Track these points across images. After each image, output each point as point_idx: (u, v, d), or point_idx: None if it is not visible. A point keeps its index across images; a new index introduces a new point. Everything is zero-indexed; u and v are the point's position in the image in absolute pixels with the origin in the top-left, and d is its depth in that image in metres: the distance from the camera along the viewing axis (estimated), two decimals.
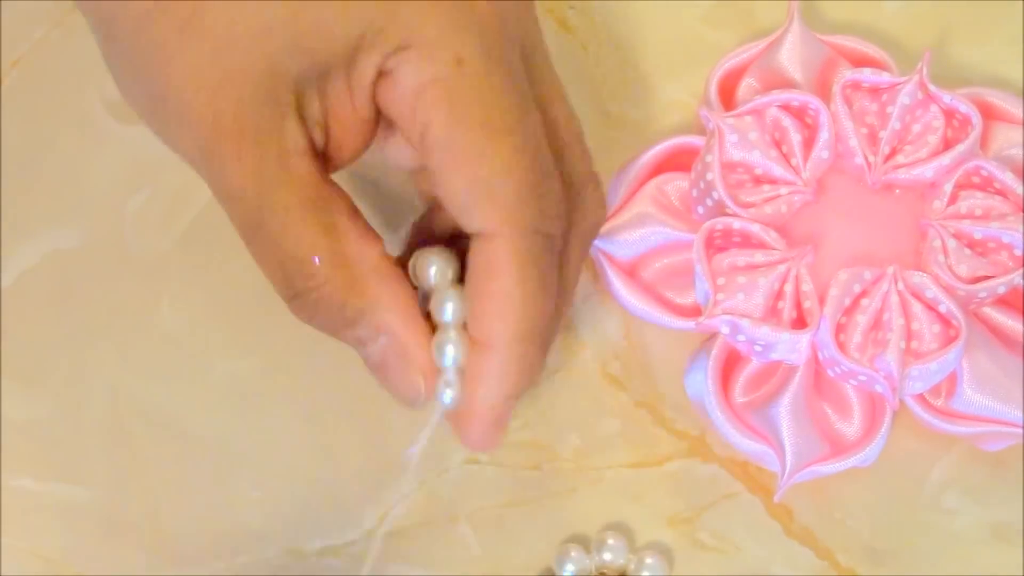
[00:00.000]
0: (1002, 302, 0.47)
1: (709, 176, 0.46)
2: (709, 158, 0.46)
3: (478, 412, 0.39)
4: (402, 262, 0.40)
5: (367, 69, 0.37)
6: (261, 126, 0.37)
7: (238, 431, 0.48)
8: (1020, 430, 0.46)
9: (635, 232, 0.48)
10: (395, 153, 0.42)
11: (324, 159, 0.39)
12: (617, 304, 0.48)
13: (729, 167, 0.47)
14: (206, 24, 0.37)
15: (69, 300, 0.49)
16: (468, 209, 0.37)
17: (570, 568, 0.46)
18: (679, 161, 0.48)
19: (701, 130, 0.48)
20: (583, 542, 0.47)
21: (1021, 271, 0.45)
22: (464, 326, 0.39)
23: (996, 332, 0.47)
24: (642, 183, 0.48)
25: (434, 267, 0.39)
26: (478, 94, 0.37)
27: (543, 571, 0.47)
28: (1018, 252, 0.46)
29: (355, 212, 0.39)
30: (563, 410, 0.48)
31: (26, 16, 0.51)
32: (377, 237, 0.39)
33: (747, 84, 0.49)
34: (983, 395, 0.46)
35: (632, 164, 0.49)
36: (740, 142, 0.46)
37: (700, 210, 0.47)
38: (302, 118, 0.38)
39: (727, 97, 0.49)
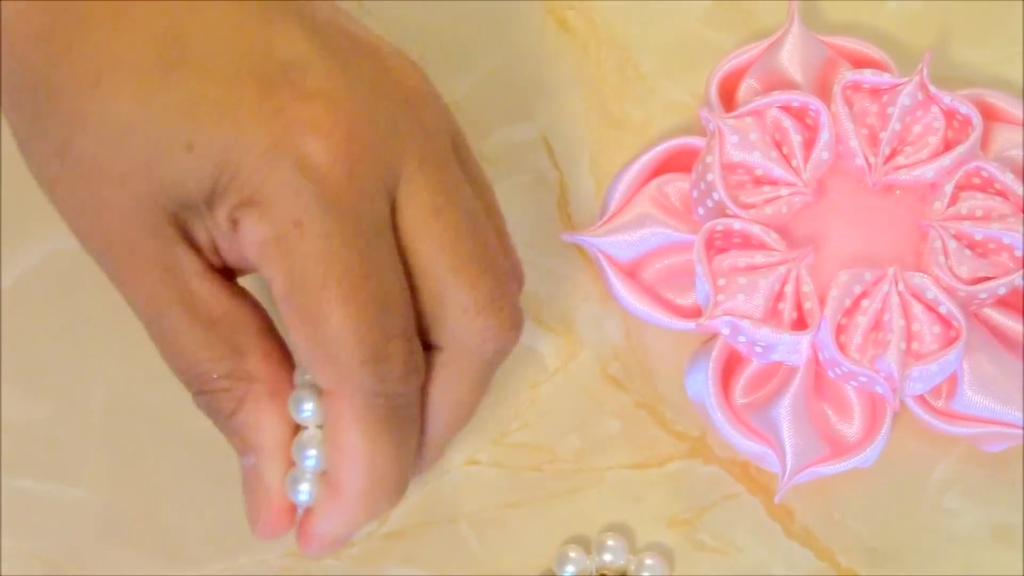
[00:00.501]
0: (1003, 303, 0.47)
1: (709, 177, 0.46)
2: (709, 159, 0.46)
3: (318, 536, 0.40)
4: None
5: (222, 217, 0.37)
6: (151, 252, 0.37)
7: None
8: (1020, 431, 0.46)
9: (635, 233, 0.48)
10: None
11: (227, 272, 0.39)
12: (617, 305, 0.48)
13: (729, 168, 0.47)
14: (76, 155, 0.37)
15: (69, 300, 0.49)
16: (310, 366, 0.37)
17: (570, 569, 0.46)
18: (679, 162, 0.48)
19: (701, 131, 0.48)
20: (583, 543, 0.47)
21: (1021, 272, 0.45)
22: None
23: (996, 333, 0.47)
24: (642, 184, 0.48)
25: (309, 404, 0.39)
26: (317, 255, 0.36)
27: (543, 572, 0.47)
28: (1018, 253, 0.46)
29: (267, 331, 0.39)
30: (563, 411, 0.48)
31: None
32: (286, 358, 0.40)
33: (747, 85, 0.49)
34: (983, 396, 0.46)
35: (632, 165, 0.49)
36: (740, 143, 0.46)
37: (700, 211, 0.47)
38: (191, 243, 0.38)
39: (727, 98, 0.49)
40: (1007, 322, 0.47)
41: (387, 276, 0.37)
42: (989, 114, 0.49)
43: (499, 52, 0.52)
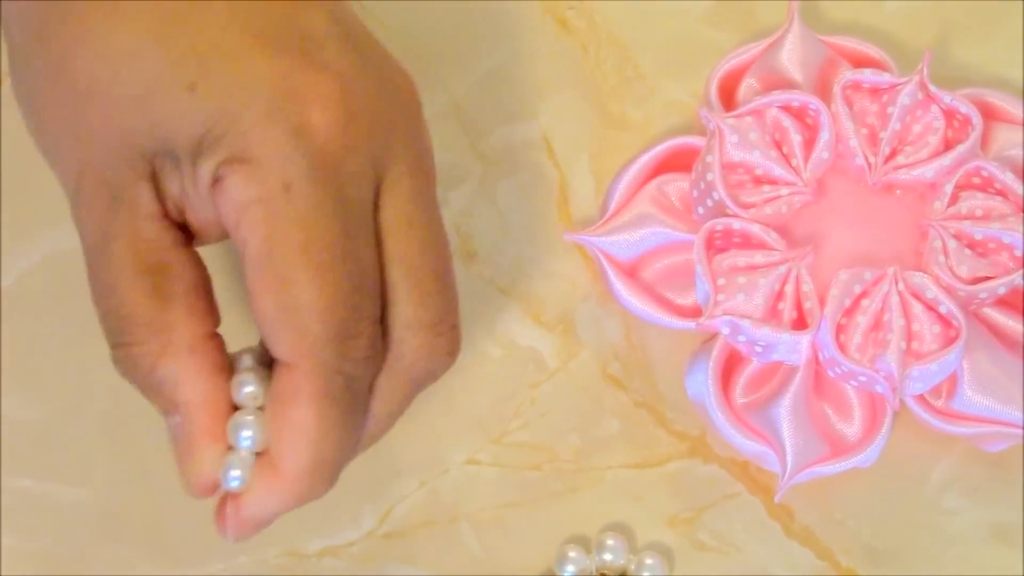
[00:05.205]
0: (1002, 303, 0.47)
1: (709, 176, 0.46)
2: (709, 158, 0.46)
3: (247, 519, 0.38)
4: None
5: (205, 171, 0.37)
6: (116, 183, 0.37)
7: None
8: (1020, 431, 0.46)
9: (635, 232, 0.48)
10: None
11: (187, 231, 0.39)
12: (617, 304, 0.48)
13: (729, 168, 0.47)
14: (71, 78, 0.37)
15: (69, 300, 0.49)
16: (274, 335, 0.36)
17: (570, 568, 0.46)
18: (679, 161, 0.49)
19: (701, 130, 0.48)
20: (583, 542, 0.47)
21: (1021, 272, 0.45)
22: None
23: (996, 333, 0.47)
24: (642, 183, 0.48)
25: (248, 387, 0.38)
26: (302, 220, 0.36)
27: (543, 571, 0.47)
28: (1018, 253, 0.46)
29: (199, 288, 0.38)
30: (563, 410, 0.48)
31: None
32: (212, 319, 0.39)
33: (747, 84, 0.49)
34: (983, 396, 0.46)
35: (632, 164, 0.49)
36: (740, 143, 0.46)
37: (700, 210, 0.47)
38: (158, 187, 0.38)
39: (727, 97, 0.49)
40: (1007, 322, 0.47)
41: (365, 258, 0.37)
42: (989, 113, 0.49)
43: (499, 52, 0.52)
